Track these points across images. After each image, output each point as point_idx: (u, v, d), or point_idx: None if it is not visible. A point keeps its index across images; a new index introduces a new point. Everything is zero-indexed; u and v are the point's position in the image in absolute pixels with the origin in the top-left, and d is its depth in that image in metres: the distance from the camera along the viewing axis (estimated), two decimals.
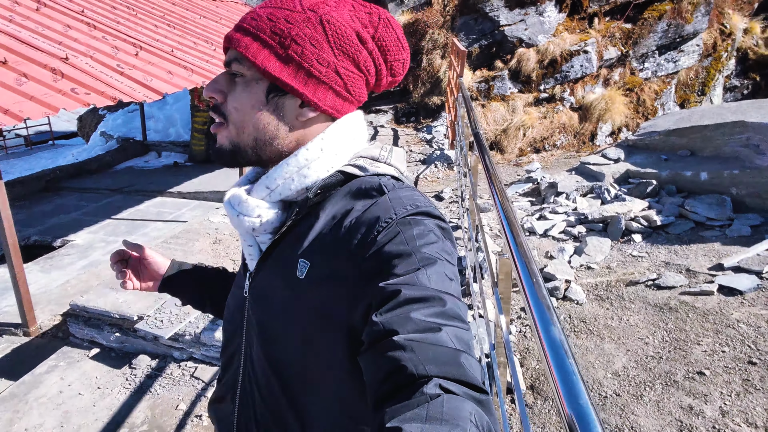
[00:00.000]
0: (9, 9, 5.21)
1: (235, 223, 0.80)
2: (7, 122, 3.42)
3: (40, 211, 8.09)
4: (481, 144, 3.13)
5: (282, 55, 0.74)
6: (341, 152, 0.79)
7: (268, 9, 0.76)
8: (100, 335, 3.81)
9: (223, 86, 0.79)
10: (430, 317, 0.59)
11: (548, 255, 4.27)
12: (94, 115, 13.04)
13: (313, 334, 0.72)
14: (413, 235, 0.67)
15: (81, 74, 4.39)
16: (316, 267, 0.71)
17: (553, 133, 9.70)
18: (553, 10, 10.39)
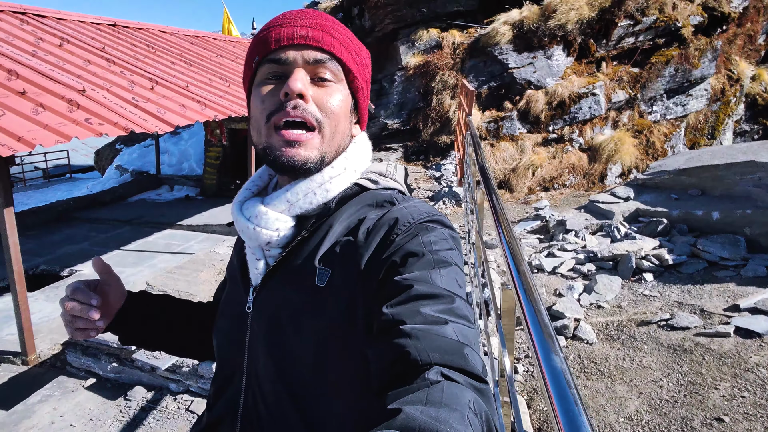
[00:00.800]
0: (33, 45, 5.43)
1: (249, 236, 0.78)
2: (19, 149, 3.49)
3: (50, 241, 8.16)
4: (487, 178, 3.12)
5: (362, 74, 0.81)
6: (358, 169, 0.83)
7: (340, 27, 0.79)
8: (96, 365, 3.74)
9: (310, 87, 0.75)
10: (438, 312, 0.62)
11: (557, 293, 4.17)
12: (111, 149, 13.35)
13: (333, 338, 0.71)
14: (430, 239, 0.71)
15: (96, 105, 4.50)
16: (337, 273, 0.72)
17: (562, 173, 9.70)
18: (561, 54, 10.60)
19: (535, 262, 4.56)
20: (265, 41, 0.75)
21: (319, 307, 0.72)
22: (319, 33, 0.75)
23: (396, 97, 11.03)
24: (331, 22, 0.78)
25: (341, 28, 0.79)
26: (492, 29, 10.58)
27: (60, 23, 6.52)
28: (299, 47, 0.74)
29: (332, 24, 0.78)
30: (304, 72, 0.74)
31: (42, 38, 5.72)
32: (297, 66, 0.74)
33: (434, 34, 10.95)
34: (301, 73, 0.73)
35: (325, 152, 0.76)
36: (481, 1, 11.41)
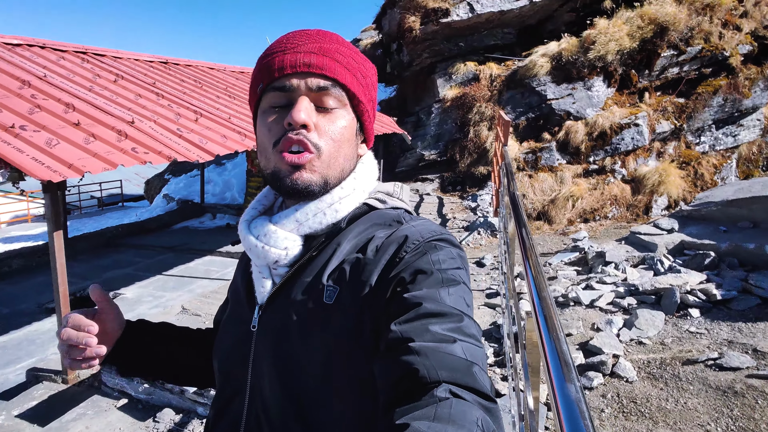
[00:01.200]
0: (91, 81, 5.84)
1: (257, 254, 0.78)
2: (69, 175, 3.71)
3: (98, 265, 8.54)
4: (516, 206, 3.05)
5: (368, 96, 0.81)
6: (366, 189, 0.83)
7: (344, 48, 0.78)
8: (129, 385, 3.82)
9: (314, 114, 0.75)
10: (447, 331, 0.62)
11: (594, 327, 3.98)
12: (160, 179, 13.99)
13: (341, 355, 0.70)
14: (439, 257, 0.71)
15: (143, 136, 4.76)
16: (345, 290, 0.72)
17: (604, 205, 9.42)
18: (601, 85, 10.46)
19: (572, 295, 4.39)
20: (269, 68, 0.76)
21: (327, 324, 0.71)
22: (322, 59, 0.75)
23: (433, 128, 11.12)
24: (336, 44, 0.78)
25: (346, 50, 0.79)
26: (530, 61, 10.59)
27: (116, 61, 7.00)
28: (303, 75, 0.74)
29: (336, 47, 0.77)
30: (308, 100, 0.74)
31: (99, 75, 6.15)
32: (301, 93, 0.74)
33: (471, 67, 11.06)
34: (305, 102, 0.74)
35: (328, 175, 0.77)
36: (518, 35, 11.48)
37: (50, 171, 3.62)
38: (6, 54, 5.57)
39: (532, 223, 9.18)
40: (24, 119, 4.22)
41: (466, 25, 10.64)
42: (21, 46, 6.05)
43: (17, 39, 6.11)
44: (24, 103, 4.52)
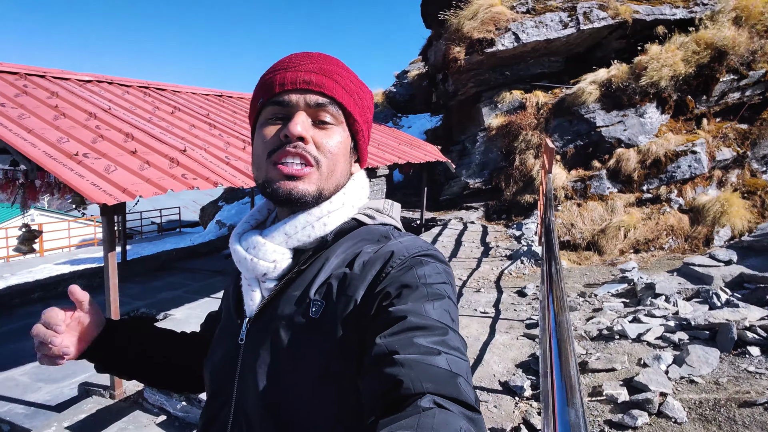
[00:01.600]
0: (150, 113, 6.27)
1: (246, 267, 0.80)
2: (123, 198, 3.97)
3: (152, 287, 8.97)
4: (549, 231, 2.98)
5: (363, 116, 0.84)
6: (356, 204, 0.85)
7: (343, 71, 0.82)
8: (168, 403, 3.94)
9: (310, 128, 0.78)
10: (432, 344, 0.62)
11: (641, 362, 3.74)
12: (214, 206, 14.62)
13: (326, 369, 0.70)
14: (424, 272, 0.72)
15: (193, 163, 5.03)
16: (332, 305, 0.72)
17: (659, 235, 8.95)
18: (654, 112, 10.11)
19: (618, 328, 4.16)
20: (270, 85, 0.78)
21: (313, 338, 0.72)
22: (321, 78, 0.77)
23: (478, 157, 11.07)
24: (335, 66, 0.81)
25: (344, 72, 0.82)
26: (578, 89, 10.42)
27: (175, 95, 7.49)
28: (302, 91, 0.77)
29: (336, 68, 0.80)
30: (305, 115, 0.77)
31: (158, 107, 6.59)
32: (299, 109, 0.77)
33: (517, 95, 11.00)
34: (302, 116, 0.76)
35: (323, 188, 0.79)
36: (566, 62, 11.36)
37: (106, 195, 3.88)
38: (77, 89, 6.09)
39: (581, 253, 8.85)
40: (87, 147, 4.57)
41: (512, 55, 10.65)
42: (91, 82, 6.61)
43: (88, 76, 6.68)
44: (89, 133, 4.91)
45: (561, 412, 1.04)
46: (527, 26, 10.35)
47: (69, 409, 4.62)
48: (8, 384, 5.55)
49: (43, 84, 5.84)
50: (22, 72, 5.89)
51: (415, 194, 11.55)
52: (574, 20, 10.42)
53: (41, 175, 4.84)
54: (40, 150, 4.23)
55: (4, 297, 8.09)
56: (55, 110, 5.16)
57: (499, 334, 4.44)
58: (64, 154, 4.28)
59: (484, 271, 6.64)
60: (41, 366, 5.99)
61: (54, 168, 4.00)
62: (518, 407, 3.39)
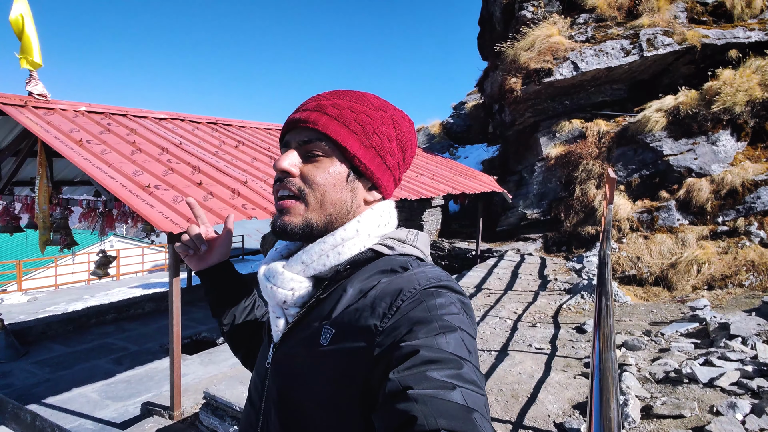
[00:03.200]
0: (216, 147, 6.67)
1: (268, 294, 0.85)
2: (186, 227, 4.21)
3: None
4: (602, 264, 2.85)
5: (365, 143, 0.84)
6: (373, 234, 0.85)
7: (346, 101, 0.84)
8: (221, 426, 4.04)
9: (298, 162, 0.83)
10: (446, 377, 0.61)
11: (713, 410, 3.43)
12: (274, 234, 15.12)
13: (332, 398, 0.72)
14: (435, 304, 0.71)
15: (253, 194, 5.28)
16: (339, 334, 0.74)
17: (737, 271, 8.27)
18: (728, 139, 9.52)
19: (686, 371, 3.85)
20: (283, 129, 0.88)
21: (321, 367, 0.74)
22: (312, 114, 0.82)
23: (536, 187, 10.83)
24: (335, 99, 0.84)
25: (344, 101, 0.84)
26: (643, 117, 10.03)
27: (240, 129, 7.95)
28: (294, 131, 0.84)
29: (335, 101, 0.84)
30: (295, 153, 0.83)
31: (224, 141, 7.01)
32: (291, 147, 0.84)
33: (577, 124, 10.74)
34: (292, 154, 0.83)
35: (311, 219, 0.82)
36: (629, 90, 10.99)
37: (172, 224, 4.14)
38: (153, 126, 6.61)
39: (648, 288, 8.33)
40: (159, 179, 4.92)
41: (571, 84, 10.46)
42: (166, 120, 7.16)
43: (164, 114, 7.24)
44: (161, 166, 5.29)
45: None
46: (586, 55, 10.17)
47: (131, 427, 4.85)
48: (80, 400, 5.91)
49: (123, 122, 6.39)
50: (107, 112, 6.48)
51: (470, 225, 11.42)
52: (637, 47, 10.12)
53: (118, 204, 5.25)
54: (117, 182, 4.60)
55: (82, 318, 8.71)
56: (133, 146, 5.61)
57: (554, 372, 4.23)
58: (138, 186, 4.63)
59: (540, 306, 6.40)
60: (110, 384, 6.38)
61: (128, 198, 4.33)
62: None
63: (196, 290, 10.24)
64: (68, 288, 14.79)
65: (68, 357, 7.33)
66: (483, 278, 7.85)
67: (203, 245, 1.06)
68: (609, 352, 1.44)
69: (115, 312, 9.18)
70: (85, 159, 4.87)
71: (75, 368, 6.91)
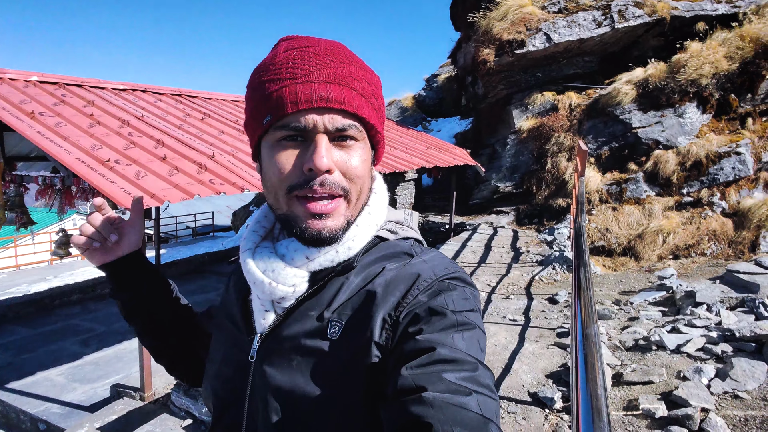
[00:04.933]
0: (181, 119, 6.39)
1: (263, 289, 0.73)
2: (151, 204, 4.03)
3: (185, 290, 9.03)
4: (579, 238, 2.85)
5: (381, 119, 0.76)
6: (379, 222, 0.79)
7: (356, 69, 0.71)
8: (194, 407, 3.97)
9: (333, 154, 0.69)
10: (461, 381, 0.59)
11: (680, 375, 3.54)
12: (245, 211, 14.85)
13: (338, 390, 0.68)
14: (453, 298, 0.68)
15: (221, 168, 5.09)
16: (349, 326, 0.69)
17: (700, 241, 8.55)
18: (694, 111, 9.70)
19: (655, 338, 3.95)
20: (278, 101, 0.67)
21: (330, 361, 0.69)
22: (339, 90, 0.67)
23: (508, 160, 10.87)
24: (348, 66, 0.70)
25: (358, 70, 0.71)
26: (613, 89, 10.11)
27: (206, 101, 7.64)
28: (320, 111, 0.67)
29: (350, 69, 0.70)
30: (327, 140, 0.68)
31: (189, 114, 6.72)
32: (319, 131, 0.67)
33: (549, 97, 10.76)
34: (325, 143, 0.67)
35: (351, 216, 0.73)
36: (600, 62, 11.04)
37: None
38: (113, 98, 6.27)
39: (616, 258, 8.54)
40: (119, 154, 4.68)
41: (543, 56, 10.43)
42: (126, 91, 6.80)
43: (123, 84, 6.88)
44: (121, 140, 5.03)
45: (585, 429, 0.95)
46: (559, 26, 10.12)
47: (101, 410, 4.73)
48: (46, 384, 5.73)
49: (80, 93, 6.04)
50: (61, 82, 6.10)
51: (444, 198, 11.43)
52: (609, 19, 10.12)
53: (76, 181, 4.99)
54: (74, 157, 4.35)
55: (46, 298, 8.40)
56: (91, 118, 5.31)
57: (528, 343, 4.29)
58: (97, 161, 4.39)
59: (514, 278, 6.47)
60: (77, 367, 6.19)
61: (86, 174, 4.10)
62: (548, 420, 3.25)
63: (165, 268, 10.01)
64: (30, 268, 14.26)
65: (32, 339, 7.08)
66: (457, 252, 7.88)
67: (112, 234, 0.90)
68: (592, 326, 1.41)
69: (80, 292, 8.89)
70: (38, 132, 4.58)
71: (39, 351, 6.69)
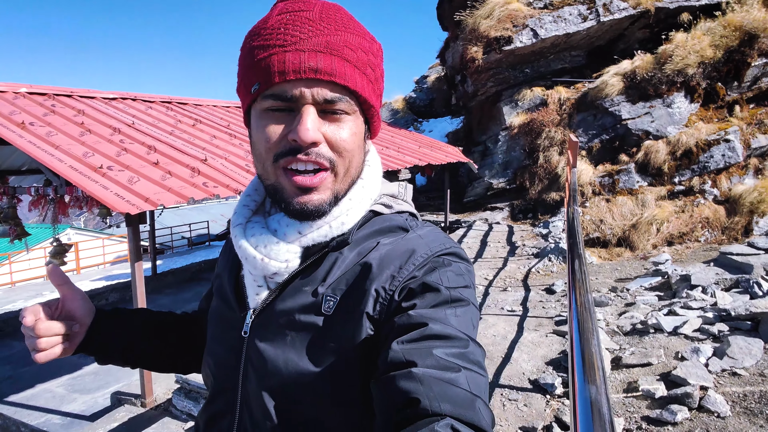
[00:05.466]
0: (173, 126, 6.40)
1: (255, 265, 0.72)
2: (145, 208, 4.03)
3: (182, 298, 9.11)
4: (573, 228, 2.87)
5: (377, 91, 0.73)
6: (373, 195, 0.78)
7: (352, 35, 0.67)
8: (196, 408, 3.95)
9: (320, 125, 0.66)
10: (451, 357, 0.59)
11: (678, 356, 3.57)
12: None
13: (335, 366, 0.67)
14: (447, 274, 0.68)
15: (214, 172, 5.09)
16: (345, 302, 0.69)
17: (694, 228, 8.62)
18: (683, 101, 9.79)
19: (652, 321, 3.98)
20: (266, 69, 0.64)
21: (326, 336, 0.68)
22: (330, 61, 0.64)
23: (500, 156, 10.92)
24: (343, 33, 0.66)
25: (354, 37, 0.68)
26: (601, 82, 10.19)
27: (197, 108, 7.65)
28: (308, 82, 0.64)
29: (344, 37, 0.66)
30: (315, 111, 0.65)
31: (180, 120, 6.73)
32: (306, 102, 0.65)
33: (538, 92, 10.83)
34: (312, 116, 0.65)
35: (339, 190, 0.71)
36: (588, 56, 11.13)
37: (129, 204, 3.95)
38: (103, 107, 6.27)
39: (611, 249, 8.59)
40: (111, 161, 4.68)
41: (531, 51, 10.50)
42: (116, 100, 6.80)
43: (113, 93, 6.88)
44: (113, 147, 5.03)
45: (581, 389, 0.96)
46: (545, 21, 10.20)
47: (102, 418, 4.70)
48: (45, 396, 5.69)
49: (70, 103, 6.03)
50: (51, 93, 6.09)
51: (438, 197, 11.46)
52: (594, 12, 10.22)
53: (70, 189, 4.98)
54: (66, 165, 4.34)
55: None
56: (81, 127, 5.31)
57: (527, 332, 4.31)
58: (89, 168, 4.39)
59: (510, 270, 6.50)
60: (77, 378, 6.16)
61: (79, 181, 4.10)
62: (549, 405, 3.27)
63: (162, 277, 9.97)
64: (25, 285, 14.16)
65: (30, 353, 7.02)
66: None
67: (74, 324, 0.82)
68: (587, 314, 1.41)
69: None
70: (29, 142, 4.58)
71: (37, 364, 6.64)
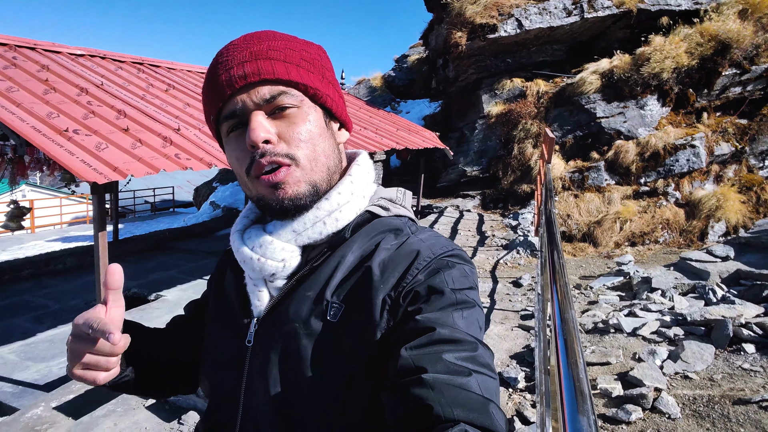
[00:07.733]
0: (144, 90, 6.12)
1: (253, 266, 0.73)
2: (113, 177, 3.86)
3: (144, 267, 8.87)
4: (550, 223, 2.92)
5: (324, 79, 0.74)
6: (366, 194, 0.79)
7: (278, 42, 0.71)
8: None
9: (271, 126, 0.69)
10: (461, 361, 0.59)
11: (636, 357, 3.73)
12: (208, 187, 14.48)
13: (338, 372, 0.66)
14: (452, 276, 0.68)
15: (187, 143, 4.92)
16: (350, 309, 0.68)
17: (654, 229, 8.95)
18: (655, 104, 10.03)
19: (613, 321, 4.14)
20: (212, 98, 0.70)
21: (332, 344, 0.67)
22: (255, 64, 0.68)
23: (476, 144, 10.98)
24: (267, 41, 0.70)
25: (280, 42, 0.71)
26: (579, 78, 10.31)
27: (170, 72, 7.33)
28: (244, 89, 0.68)
29: (268, 43, 0.70)
30: (261, 114, 0.68)
31: (152, 84, 6.44)
32: (250, 109, 0.68)
33: (518, 83, 10.88)
34: (258, 118, 0.68)
35: (314, 180, 0.71)
36: (569, 52, 11.22)
37: (96, 173, 3.78)
38: (69, 63, 5.93)
39: (576, 244, 8.84)
40: (78, 124, 4.44)
41: (514, 41, 10.50)
42: (84, 57, 6.44)
43: (81, 50, 6.51)
44: (80, 108, 4.77)
45: (572, 421, 0.98)
46: (531, 13, 10.19)
47: (57, 389, 4.56)
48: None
49: (33, 57, 5.67)
50: (12, 44, 5.71)
51: (412, 180, 11.46)
52: (579, 8, 10.27)
53: (30, 150, 4.72)
54: (28, 125, 4.10)
55: None
56: (46, 84, 5.01)
57: (493, 325, 4.41)
58: (54, 130, 4.16)
59: (479, 261, 6.60)
60: (30, 345, 5.95)
61: (43, 144, 3.88)
62: (512, 399, 3.37)
63: (124, 244, 9.68)
64: None
65: None
66: None
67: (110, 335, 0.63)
68: (570, 311, 1.45)
69: (31, 267, 8.48)
70: None
71: None
